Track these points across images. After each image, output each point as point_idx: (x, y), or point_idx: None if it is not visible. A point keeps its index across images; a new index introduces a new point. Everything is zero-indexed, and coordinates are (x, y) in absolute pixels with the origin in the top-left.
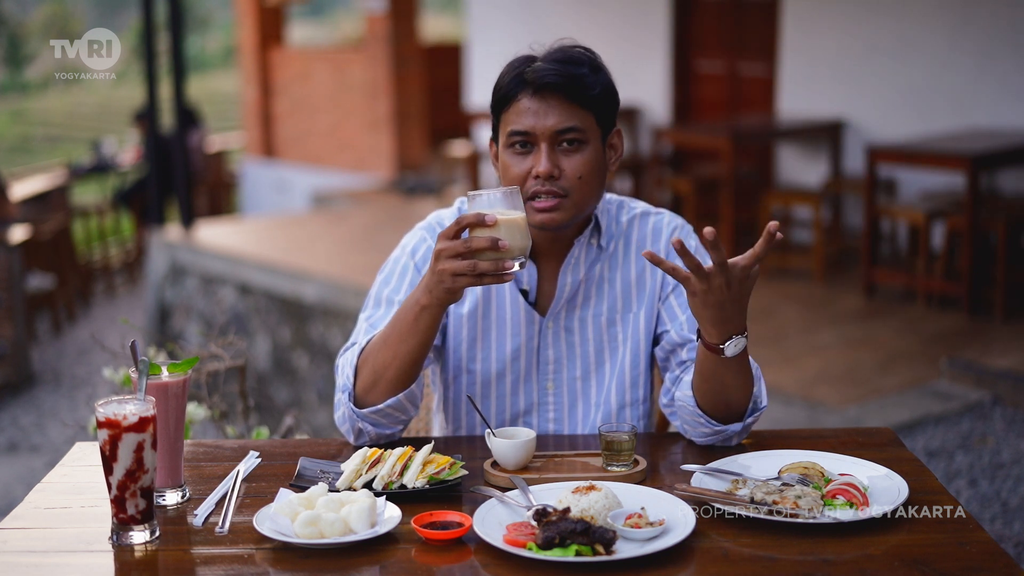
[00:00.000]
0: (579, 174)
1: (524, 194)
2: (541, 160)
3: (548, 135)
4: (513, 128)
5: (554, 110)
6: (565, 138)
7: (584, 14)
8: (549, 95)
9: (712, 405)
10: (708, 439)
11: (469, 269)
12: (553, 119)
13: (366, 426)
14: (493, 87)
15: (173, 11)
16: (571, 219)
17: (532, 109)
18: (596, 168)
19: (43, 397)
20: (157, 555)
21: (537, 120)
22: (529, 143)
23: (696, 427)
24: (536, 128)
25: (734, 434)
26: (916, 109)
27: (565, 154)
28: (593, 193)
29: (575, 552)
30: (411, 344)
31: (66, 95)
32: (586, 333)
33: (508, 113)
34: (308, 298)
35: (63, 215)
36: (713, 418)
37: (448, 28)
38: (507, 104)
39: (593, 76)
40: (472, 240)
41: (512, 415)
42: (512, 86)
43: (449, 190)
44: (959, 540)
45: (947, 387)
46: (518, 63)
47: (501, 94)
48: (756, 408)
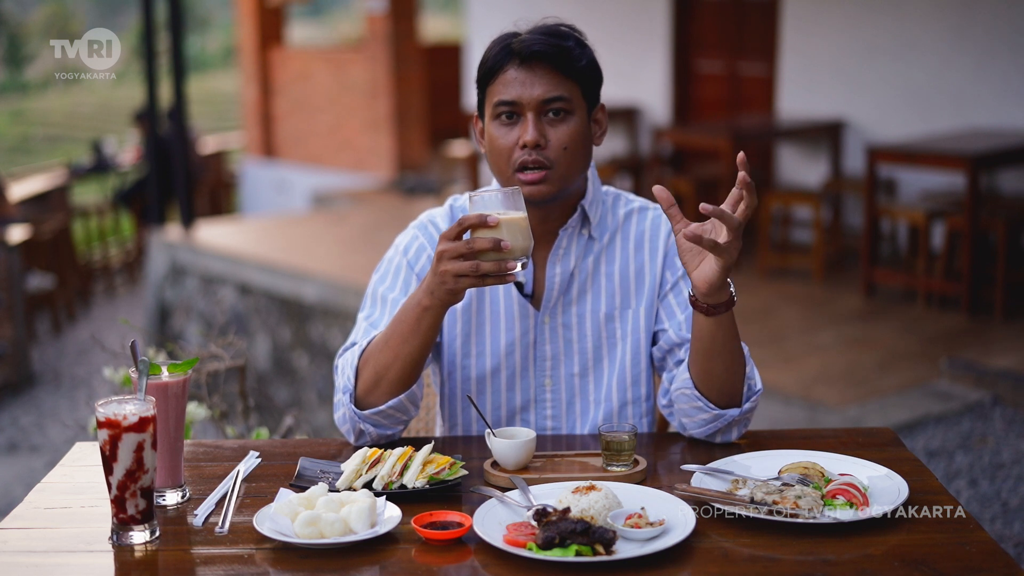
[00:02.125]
0: (564, 144)
1: (512, 165)
2: (528, 129)
3: (535, 104)
4: (500, 98)
5: (541, 80)
6: (551, 107)
7: (584, 14)
8: (536, 65)
9: (710, 384)
10: (708, 427)
11: (472, 270)
12: (540, 88)
13: (367, 427)
14: (479, 62)
15: (173, 11)
16: (557, 192)
17: (519, 79)
18: (581, 139)
19: (43, 397)
20: (157, 555)
21: (524, 89)
22: (515, 113)
23: (695, 415)
24: (523, 97)
25: (733, 421)
26: (916, 109)
27: (551, 124)
28: (577, 165)
29: (575, 552)
30: (413, 345)
31: (66, 95)
32: (584, 329)
33: (495, 84)
34: (308, 298)
35: (63, 215)
36: (712, 401)
37: (448, 28)
38: (494, 76)
39: (579, 49)
40: (474, 241)
41: (509, 411)
42: (499, 57)
43: (449, 190)
44: (959, 540)
45: (947, 387)
46: (504, 37)
47: (488, 66)
48: (752, 391)
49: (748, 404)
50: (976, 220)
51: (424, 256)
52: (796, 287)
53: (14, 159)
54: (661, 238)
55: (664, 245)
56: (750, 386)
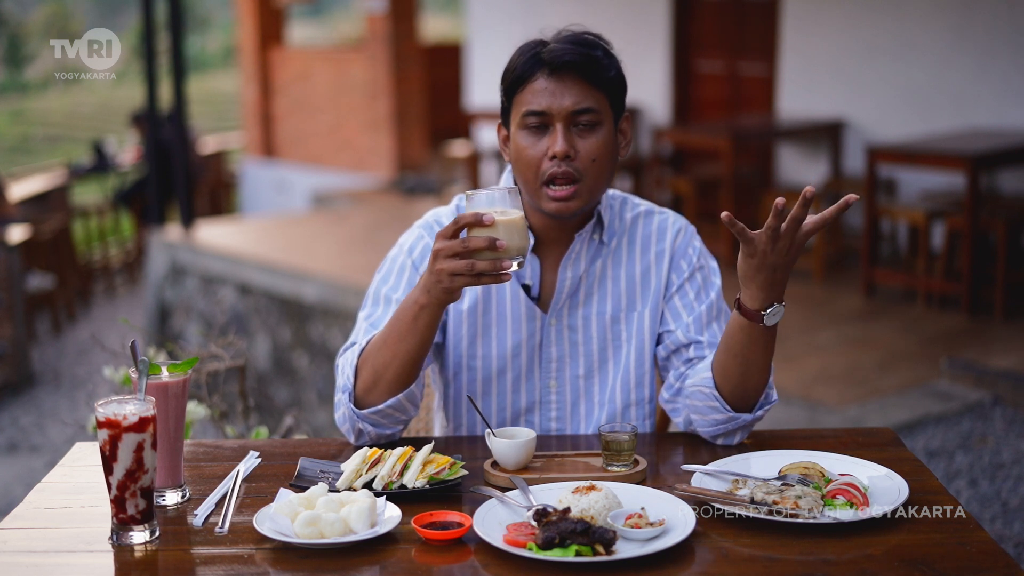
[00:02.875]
0: (593, 156)
1: (540, 177)
2: (557, 140)
3: (564, 115)
4: (529, 108)
5: (571, 90)
6: (581, 119)
7: (584, 14)
8: (566, 75)
9: (731, 387)
10: (718, 428)
11: (467, 269)
12: (570, 99)
13: (366, 426)
14: (505, 70)
15: (173, 11)
16: (583, 206)
17: (549, 89)
18: (609, 151)
19: (43, 397)
20: (157, 555)
21: (554, 100)
22: (545, 124)
23: (709, 414)
24: (553, 107)
25: (743, 426)
26: (916, 109)
27: (580, 135)
28: (605, 177)
29: (575, 552)
30: (411, 343)
31: (66, 95)
32: (589, 331)
33: (523, 94)
34: (308, 298)
35: (63, 215)
36: (729, 404)
37: (448, 28)
38: (522, 84)
39: (607, 59)
40: (470, 240)
41: (514, 413)
42: (528, 66)
43: (449, 190)
44: (959, 540)
45: (947, 387)
46: (532, 45)
47: (516, 75)
48: (768, 400)
49: (760, 411)
50: (976, 220)
51: (429, 256)
52: (796, 287)
53: (14, 159)
54: (667, 241)
55: (670, 248)
56: (767, 396)
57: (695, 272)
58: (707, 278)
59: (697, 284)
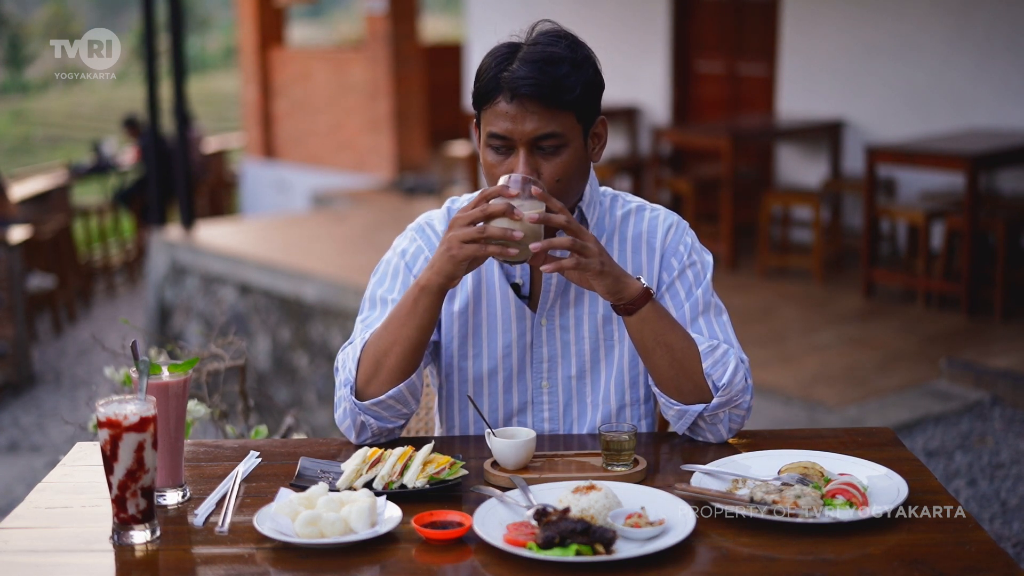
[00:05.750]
0: (557, 177)
1: None
2: (519, 164)
3: (526, 140)
4: (491, 130)
5: (532, 116)
6: (544, 144)
7: (584, 14)
8: (527, 101)
9: (661, 380)
10: (680, 423)
11: (478, 233)
12: (531, 125)
13: (368, 419)
14: (475, 74)
15: (173, 11)
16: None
17: (510, 114)
18: (576, 168)
19: (44, 397)
20: (157, 555)
21: (515, 125)
22: (508, 146)
23: (667, 411)
24: (514, 133)
25: (707, 417)
26: (916, 109)
27: (544, 157)
28: (573, 192)
29: (575, 552)
30: (411, 328)
31: (66, 95)
32: (581, 331)
33: (487, 112)
34: (308, 298)
35: (63, 215)
36: (675, 398)
37: (448, 28)
38: (485, 102)
39: (574, 74)
40: (489, 207)
41: (506, 413)
42: (491, 87)
43: (449, 190)
44: (959, 540)
45: (947, 387)
46: (498, 59)
47: (480, 91)
48: (716, 387)
49: (717, 400)
50: (975, 220)
51: (421, 259)
52: (796, 287)
53: (15, 159)
54: (658, 238)
55: (661, 246)
56: (713, 382)
57: (686, 269)
58: (698, 274)
59: (688, 281)
